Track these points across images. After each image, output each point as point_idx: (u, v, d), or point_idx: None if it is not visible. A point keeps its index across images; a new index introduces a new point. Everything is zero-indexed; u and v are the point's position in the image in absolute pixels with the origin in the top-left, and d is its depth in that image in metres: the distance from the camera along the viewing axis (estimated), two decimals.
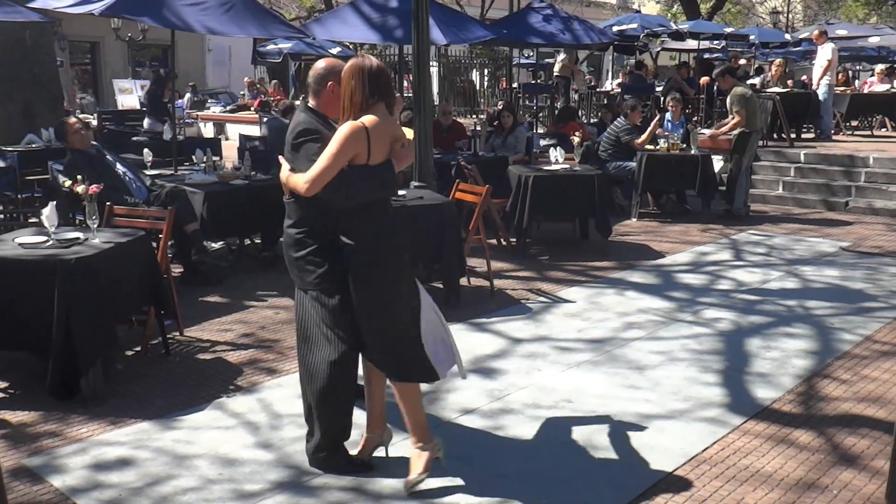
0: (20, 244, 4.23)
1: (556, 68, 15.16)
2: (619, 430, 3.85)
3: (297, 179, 3.18)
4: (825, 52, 12.64)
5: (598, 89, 17.94)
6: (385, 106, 3.23)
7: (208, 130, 18.60)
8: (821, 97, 12.60)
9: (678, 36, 16.25)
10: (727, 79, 9.27)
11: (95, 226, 4.46)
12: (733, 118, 9.06)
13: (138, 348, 4.86)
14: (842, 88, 14.78)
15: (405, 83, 13.38)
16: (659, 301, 6.01)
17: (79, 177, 4.55)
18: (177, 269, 6.61)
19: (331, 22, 9.49)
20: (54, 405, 4.07)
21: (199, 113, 19.43)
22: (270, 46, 16.52)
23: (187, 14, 7.40)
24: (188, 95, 19.44)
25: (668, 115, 9.76)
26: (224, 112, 19.25)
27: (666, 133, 9.42)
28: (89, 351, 4.05)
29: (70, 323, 3.98)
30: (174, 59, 10.91)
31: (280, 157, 3.34)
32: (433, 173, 6.69)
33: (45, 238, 4.30)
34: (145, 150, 7.22)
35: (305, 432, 3.54)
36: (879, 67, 16.79)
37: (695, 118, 14.82)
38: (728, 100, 9.19)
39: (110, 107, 17.97)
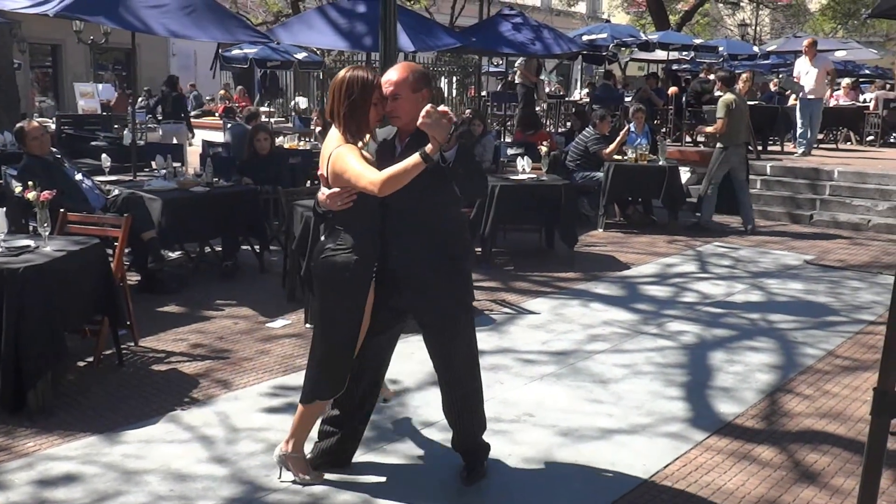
0: None
1: (516, 77, 15.17)
2: (580, 446, 3.84)
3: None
4: (823, 63, 12.46)
5: (565, 98, 18.04)
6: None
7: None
8: (813, 109, 12.30)
9: (647, 46, 16.45)
10: (721, 86, 9.47)
11: (47, 233, 4.36)
12: (716, 124, 9.22)
13: (91, 359, 4.76)
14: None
15: None
16: (624, 313, 6.04)
17: (30, 183, 4.44)
18: (134, 278, 6.51)
19: (297, 27, 9.43)
20: (1, 418, 3.96)
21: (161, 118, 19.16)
22: (236, 51, 16.39)
23: (147, 16, 7.29)
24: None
25: (631, 126, 9.83)
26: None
27: (633, 144, 9.49)
28: (37, 362, 3.95)
29: (18, 333, 3.88)
30: (136, 64, 10.78)
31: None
32: None
33: None
34: (103, 156, 7.09)
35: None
36: (845, 81, 17.15)
37: (663, 129, 14.99)
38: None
39: (71, 110, 17.69)
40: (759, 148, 12.45)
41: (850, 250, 8.55)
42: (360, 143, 3.17)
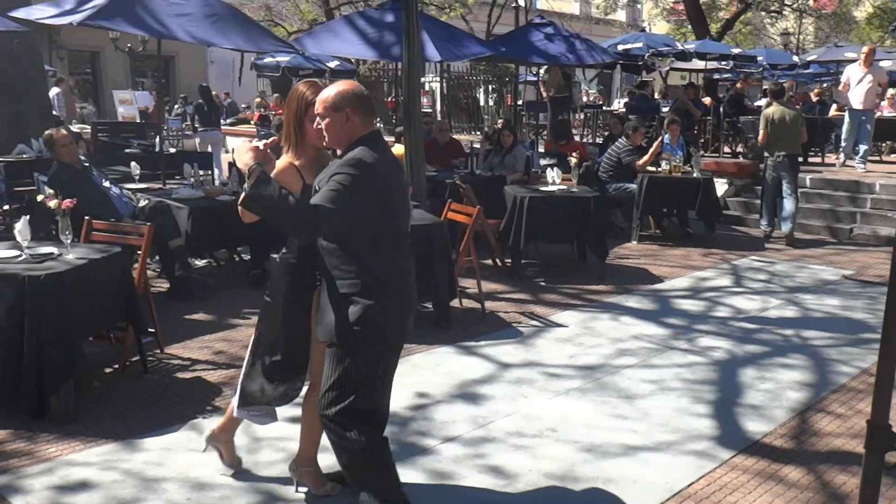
0: None
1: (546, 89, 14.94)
2: (603, 462, 3.79)
3: None
4: (879, 73, 12.01)
5: (603, 108, 17.94)
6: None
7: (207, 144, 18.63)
8: (866, 120, 11.86)
9: (684, 56, 16.29)
10: (770, 98, 9.75)
11: (69, 241, 4.44)
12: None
13: (116, 366, 4.83)
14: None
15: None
16: (654, 327, 5.97)
17: (50, 191, 4.53)
18: (163, 285, 6.61)
19: (324, 36, 9.50)
20: (25, 423, 4.03)
21: (198, 126, 19.45)
22: (268, 59, 16.59)
23: (171, 22, 7.46)
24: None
25: (666, 138, 9.74)
26: (224, 125, 19.29)
27: (666, 155, 9.40)
28: (59, 368, 4.02)
29: (40, 339, 3.95)
30: (174, 71, 10.99)
31: None
32: (425, 191, 6.66)
33: (18, 253, 4.28)
34: (133, 164, 7.21)
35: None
36: (891, 92, 16.78)
37: (701, 140, 14.81)
38: None
39: (111, 117, 18.05)
40: (800, 160, 12.23)
41: (890, 265, 8.34)
42: (301, 160, 3.21)
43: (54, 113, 15.90)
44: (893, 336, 1.85)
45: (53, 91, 16.42)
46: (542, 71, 13.19)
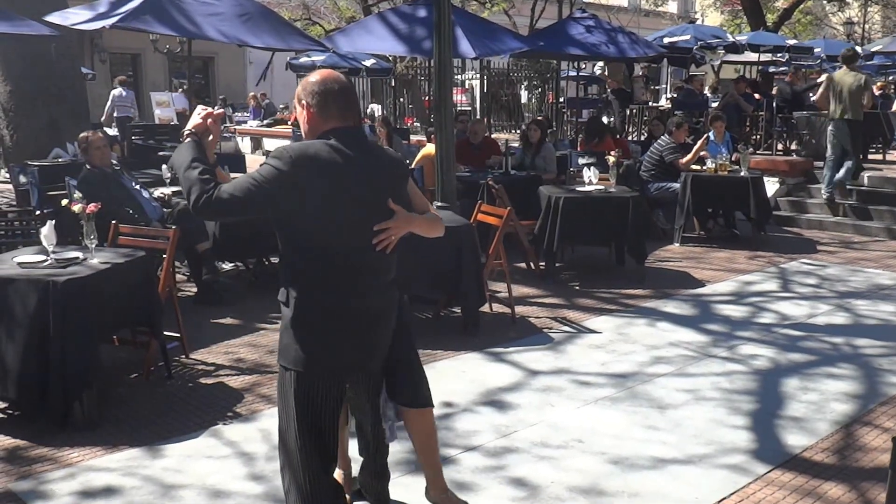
0: (18, 263, 4.34)
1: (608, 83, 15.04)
2: (629, 475, 3.76)
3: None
4: None
5: (649, 104, 17.76)
6: None
7: (245, 145, 18.96)
8: None
9: (735, 49, 16.01)
10: (840, 63, 10.56)
11: (94, 245, 4.56)
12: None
13: (141, 371, 4.95)
14: None
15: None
16: (692, 334, 5.89)
17: (76, 195, 4.66)
18: (191, 290, 6.74)
19: (356, 33, 9.59)
20: (48, 428, 4.15)
21: (236, 127, 19.81)
22: (304, 59, 16.79)
23: (203, 23, 7.68)
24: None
25: (710, 135, 9.60)
26: (261, 126, 19.60)
27: (713, 154, 9.25)
28: (82, 374, 4.13)
29: (63, 345, 4.07)
30: (213, 72, 11.19)
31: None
32: (455, 193, 6.67)
33: (44, 257, 4.41)
34: (164, 167, 7.36)
35: None
36: None
37: (753, 137, 14.54)
38: None
39: (149, 120, 18.45)
40: (860, 157, 11.98)
41: None
42: None
43: (116, 115, 16.37)
44: None
45: (117, 91, 16.89)
46: (599, 66, 13.16)
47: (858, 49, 19.72)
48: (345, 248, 2.72)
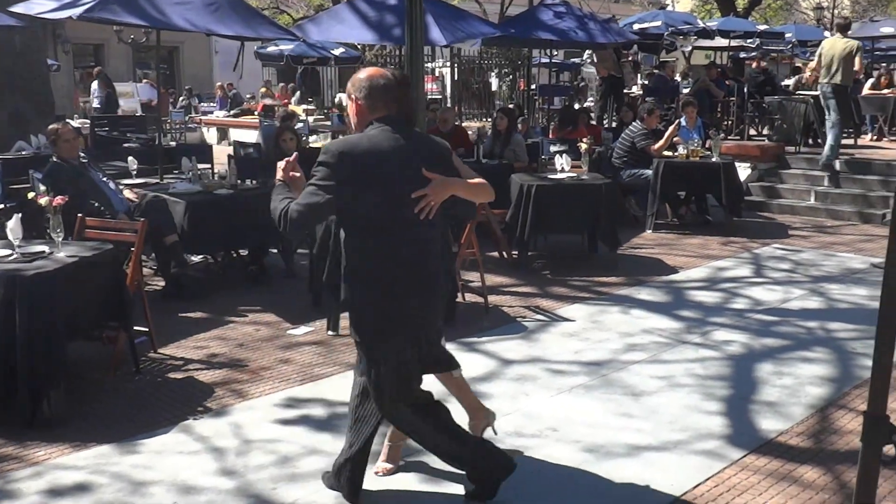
0: None
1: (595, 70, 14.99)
2: (604, 463, 3.79)
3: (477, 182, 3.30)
4: None
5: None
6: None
7: (211, 136, 18.79)
8: None
9: (706, 34, 16.12)
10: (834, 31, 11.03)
11: (60, 239, 4.50)
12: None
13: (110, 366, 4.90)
14: (886, 91, 14.60)
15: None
16: (666, 321, 5.95)
17: (42, 188, 4.59)
18: (159, 283, 6.67)
19: (326, 21, 9.52)
20: (14, 426, 4.09)
21: (202, 118, 19.61)
22: (272, 48, 16.65)
23: (171, 12, 7.61)
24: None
25: (682, 121, 9.66)
26: (227, 116, 19.42)
27: (685, 140, 9.33)
28: (49, 370, 4.07)
29: (30, 341, 4.01)
30: (178, 62, 11.08)
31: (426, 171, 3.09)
32: None
33: (9, 251, 4.34)
34: (130, 158, 7.28)
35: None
36: None
37: (725, 122, 14.67)
38: None
39: (115, 111, 18.22)
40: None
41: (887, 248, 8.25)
42: None
43: (97, 105, 16.20)
44: (890, 323, 1.84)
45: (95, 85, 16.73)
46: (586, 54, 13.19)
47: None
48: (397, 222, 3.06)
